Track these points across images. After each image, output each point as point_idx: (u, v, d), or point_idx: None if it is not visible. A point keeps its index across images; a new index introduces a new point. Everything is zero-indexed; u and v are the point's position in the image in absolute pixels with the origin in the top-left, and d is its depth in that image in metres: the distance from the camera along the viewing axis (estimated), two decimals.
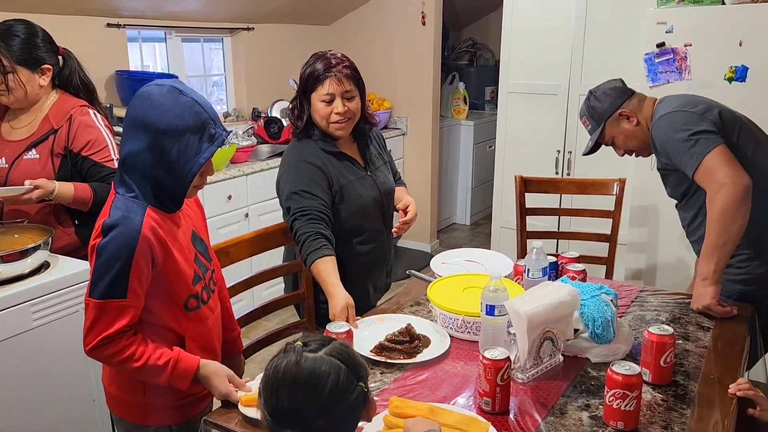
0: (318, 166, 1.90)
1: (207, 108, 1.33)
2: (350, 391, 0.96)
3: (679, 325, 1.75)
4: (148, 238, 1.29)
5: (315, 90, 1.87)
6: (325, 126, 1.91)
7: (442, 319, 1.69)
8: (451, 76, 5.34)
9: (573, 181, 2.88)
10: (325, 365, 0.96)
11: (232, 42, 4.06)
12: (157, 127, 1.28)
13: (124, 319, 1.29)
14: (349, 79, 1.88)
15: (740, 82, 2.56)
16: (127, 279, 1.27)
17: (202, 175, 1.36)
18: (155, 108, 1.28)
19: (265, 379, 0.99)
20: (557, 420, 1.32)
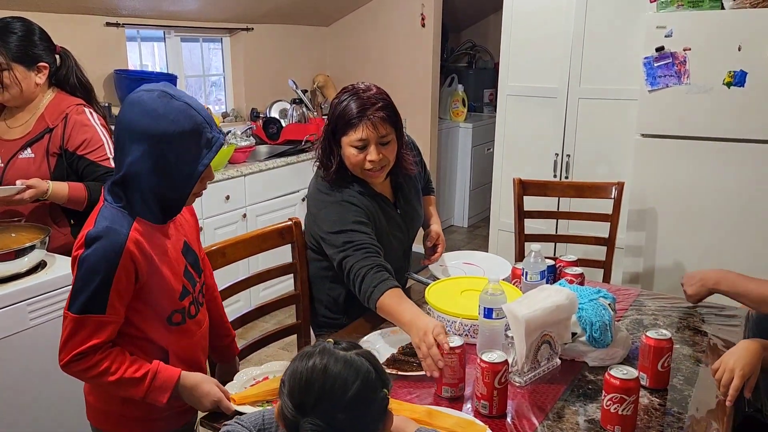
0: (360, 207, 1.77)
1: (201, 111, 1.27)
2: (375, 396, 0.96)
3: (676, 329, 1.75)
4: (132, 252, 1.24)
5: (346, 134, 1.71)
6: (358, 173, 1.77)
7: (439, 321, 1.69)
8: (450, 78, 5.34)
9: (571, 184, 2.88)
10: (354, 368, 0.96)
11: (231, 42, 4.06)
12: (152, 134, 1.21)
13: (102, 336, 1.25)
14: (385, 122, 1.70)
15: (739, 87, 2.56)
16: (108, 294, 1.22)
17: (202, 181, 1.32)
18: (148, 114, 1.22)
19: (293, 373, 0.97)
20: (554, 424, 1.31)
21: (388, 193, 1.89)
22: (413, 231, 1.99)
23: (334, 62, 4.66)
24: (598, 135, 3.21)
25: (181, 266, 1.39)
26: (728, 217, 2.65)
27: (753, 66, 2.52)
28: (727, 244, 2.64)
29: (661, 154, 2.77)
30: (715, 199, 2.67)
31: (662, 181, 2.78)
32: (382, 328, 1.72)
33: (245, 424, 1.10)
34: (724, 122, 2.62)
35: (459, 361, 1.39)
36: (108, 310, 1.24)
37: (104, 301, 1.23)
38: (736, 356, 1.43)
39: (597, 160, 3.23)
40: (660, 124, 2.75)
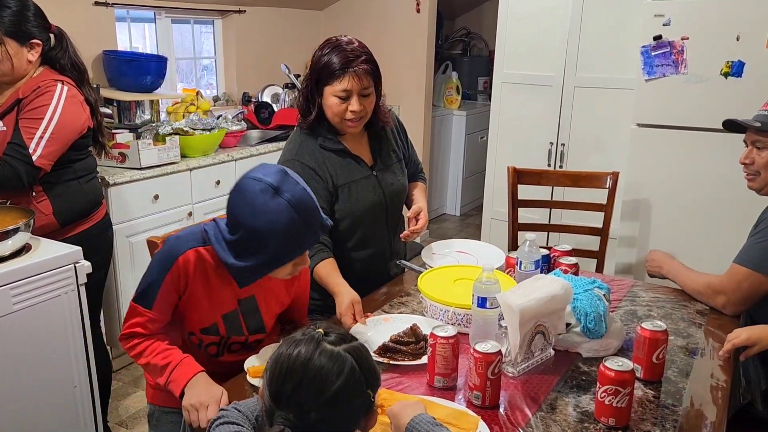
0: (311, 167, 1.81)
1: (300, 209, 1.30)
2: (357, 394, 0.93)
3: (671, 321, 1.73)
4: (184, 267, 1.37)
5: (330, 84, 1.76)
6: (337, 122, 1.81)
7: (432, 310, 1.67)
8: (444, 66, 5.30)
9: (566, 174, 2.86)
10: (339, 363, 0.93)
11: (222, 24, 3.99)
12: (246, 226, 1.31)
13: (144, 329, 1.40)
14: (368, 75, 1.77)
15: (736, 78, 2.54)
16: (156, 293, 1.37)
17: (295, 266, 1.39)
18: (247, 206, 1.30)
19: (276, 360, 0.95)
20: (547, 415, 1.30)
21: (365, 155, 1.92)
22: (394, 198, 1.96)
23: None
24: (594, 124, 3.18)
25: (227, 309, 1.47)
26: (723, 208, 2.63)
27: (751, 56, 2.50)
28: (721, 235, 2.63)
29: (657, 144, 2.75)
30: (711, 190, 2.65)
31: (657, 171, 2.76)
32: (374, 316, 1.69)
33: (242, 409, 1.08)
34: (721, 113, 2.58)
35: (452, 351, 1.37)
36: (154, 307, 1.39)
37: (152, 298, 1.38)
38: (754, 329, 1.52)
39: (592, 149, 3.20)
40: (656, 114, 2.73)
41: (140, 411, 2.56)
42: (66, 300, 1.83)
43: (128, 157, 2.71)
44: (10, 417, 1.73)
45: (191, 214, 2.98)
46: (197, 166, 2.98)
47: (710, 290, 1.80)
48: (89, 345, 1.92)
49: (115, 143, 2.69)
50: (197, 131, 3.03)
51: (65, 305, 1.83)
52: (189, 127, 3.02)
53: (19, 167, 1.85)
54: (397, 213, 2.00)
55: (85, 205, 2.07)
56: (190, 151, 2.99)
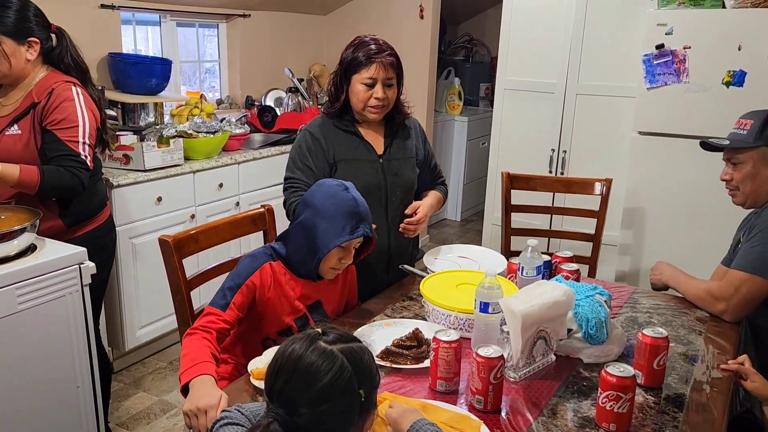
0: (316, 137, 1.97)
1: (362, 208, 1.60)
2: (345, 394, 0.94)
3: (671, 328, 1.74)
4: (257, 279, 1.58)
5: (358, 72, 1.92)
6: (360, 108, 1.96)
7: (434, 315, 1.68)
8: (447, 71, 5.32)
9: (559, 180, 2.89)
10: (330, 361, 0.95)
11: (227, 28, 4.01)
12: (316, 203, 1.60)
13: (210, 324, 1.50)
14: (393, 68, 1.94)
15: (738, 87, 2.55)
16: (231, 298, 1.54)
17: (339, 260, 1.62)
18: (322, 192, 1.62)
19: (273, 357, 0.99)
20: (549, 420, 1.30)
21: (377, 144, 2.02)
22: (396, 188, 2.00)
23: (331, 52, 4.62)
24: (595, 131, 3.20)
25: (298, 313, 1.66)
26: (723, 216, 2.64)
27: (753, 66, 2.52)
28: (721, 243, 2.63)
29: (658, 153, 2.76)
30: (711, 198, 2.66)
31: (658, 179, 2.78)
32: (375, 321, 1.70)
33: (244, 412, 1.09)
34: (722, 122, 2.60)
35: (454, 355, 1.38)
36: (227, 311, 1.54)
37: (227, 303, 1.54)
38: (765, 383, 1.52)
39: (593, 156, 3.22)
40: (657, 122, 2.74)
41: (141, 412, 2.57)
42: (70, 300, 1.84)
43: (132, 159, 2.72)
44: (14, 416, 1.74)
45: (194, 217, 2.99)
46: (200, 168, 2.99)
47: (710, 296, 1.81)
48: (92, 346, 1.92)
49: (119, 145, 2.70)
50: (201, 134, 3.05)
51: (69, 306, 1.84)
52: (193, 129, 3.04)
53: (82, 175, 1.91)
54: (398, 205, 2.02)
55: (91, 206, 2.08)
56: (193, 154, 3.01)
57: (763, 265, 1.71)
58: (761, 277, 1.71)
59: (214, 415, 1.23)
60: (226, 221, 1.89)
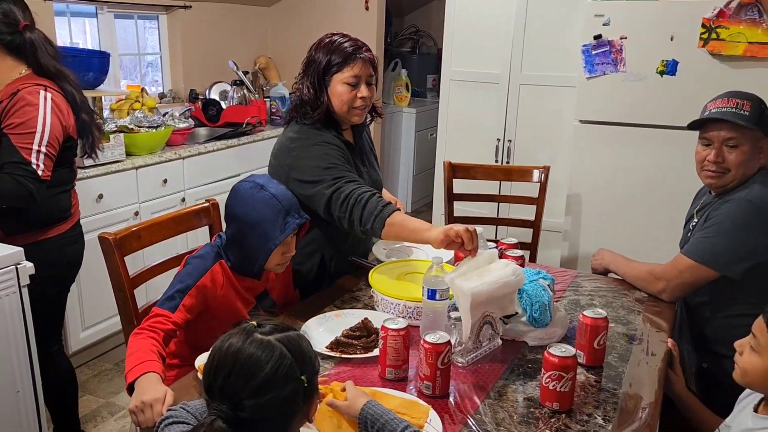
0: (342, 149, 1.83)
1: (284, 201, 1.58)
2: (288, 381, 0.95)
3: (611, 308, 1.80)
4: (208, 281, 1.57)
5: (339, 71, 1.79)
6: (344, 112, 1.83)
7: (383, 304, 1.69)
8: (394, 63, 5.33)
9: (499, 168, 2.96)
10: (269, 351, 0.95)
11: (168, 20, 3.91)
12: (239, 216, 1.59)
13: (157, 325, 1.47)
14: (372, 64, 1.84)
15: (671, 76, 2.65)
16: (181, 300, 1.52)
17: (283, 255, 1.62)
18: (239, 200, 1.60)
19: (209, 354, 0.98)
20: (495, 402, 1.34)
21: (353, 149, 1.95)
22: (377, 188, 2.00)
23: (276, 44, 4.57)
24: (539, 121, 3.27)
25: (249, 306, 1.69)
26: (662, 201, 2.75)
27: (684, 55, 2.62)
28: (659, 226, 2.75)
29: (598, 140, 2.85)
30: (650, 183, 2.77)
31: (599, 166, 2.86)
32: (325, 312, 1.70)
33: (190, 410, 1.08)
34: (657, 110, 2.71)
35: (403, 343, 1.40)
36: (176, 312, 1.51)
37: (176, 305, 1.51)
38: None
39: (537, 145, 3.29)
40: (597, 111, 2.83)
41: (88, 415, 2.50)
42: (7, 303, 1.77)
43: None
44: None
45: (138, 214, 2.92)
46: (143, 164, 2.92)
47: (652, 276, 1.88)
48: (33, 349, 1.86)
49: None
50: (143, 129, 2.97)
51: (6, 307, 1.77)
52: (134, 124, 2.96)
53: (30, 185, 1.79)
54: None
55: (42, 217, 1.94)
56: (135, 149, 2.93)
57: (710, 257, 1.76)
58: (706, 266, 1.77)
59: (160, 409, 1.21)
60: (169, 217, 1.85)
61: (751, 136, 1.75)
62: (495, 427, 1.25)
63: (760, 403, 1.31)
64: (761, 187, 1.75)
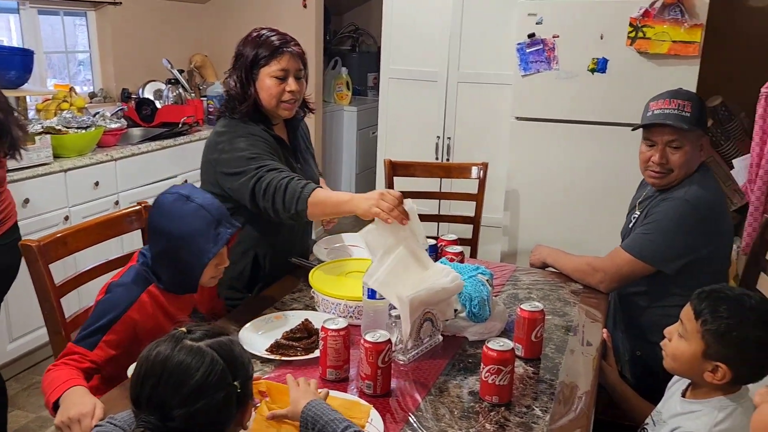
0: (268, 141, 1.82)
1: (214, 211, 1.48)
2: (220, 388, 0.92)
3: (548, 301, 1.84)
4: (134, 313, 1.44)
5: (267, 65, 1.79)
6: (273, 106, 1.83)
7: (324, 304, 1.67)
8: (334, 62, 5.31)
9: (439, 165, 2.99)
10: (199, 357, 0.92)
11: (97, 17, 3.76)
12: (166, 233, 1.46)
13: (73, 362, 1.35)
14: (300, 58, 1.83)
15: (601, 74, 2.74)
16: (101, 338, 1.39)
17: (216, 267, 1.53)
18: (165, 216, 1.47)
19: (137, 363, 0.94)
20: (436, 398, 1.34)
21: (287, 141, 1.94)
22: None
23: (212, 42, 4.47)
24: (477, 118, 3.31)
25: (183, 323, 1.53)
26: (597, 195, 2.84)
27: (613, 54, 2.70)
28: (595, 220, 2.83)
29: (535, 137, 2.91)
30: (584, 178, 2.85)
31: (535, 162, 2.93)
32: (264, 315, 1.67)
33: (117, 423, 1.04)
34: (590, 106, 2.79)
35: (343, 343, 1.38)
36: (96, 350, 1.38)
37: (95, 343, 1.39)
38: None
39: (476, 142, 3.34)
40: (533, 108, 2.89)
41: (18, 431, 2.38)
42: None
43: None
44: None
45: (68, 218, 2.80)
46: (72, 167, 2.80)
47: (591, 268, 1.93)
48: None
49: None
50: (71, 130, 2.85)
51: None
52: (62, 125, 2.83)
53: None
54: None
55: None
56: (64, 151, 2.81)
57: (648, 253, 1.83)
58: (644, 262, 1.83)
59: (89, 423, 1.16)
60: (97, 221, 1.77)
61: (692, 137, 1.82)
62: (436, 423, 1.26)
63: (687, 389, 1.37)
64: (699, 187, 1.82)
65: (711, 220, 1.82)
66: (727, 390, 1.28)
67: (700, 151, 1.85)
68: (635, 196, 2.08)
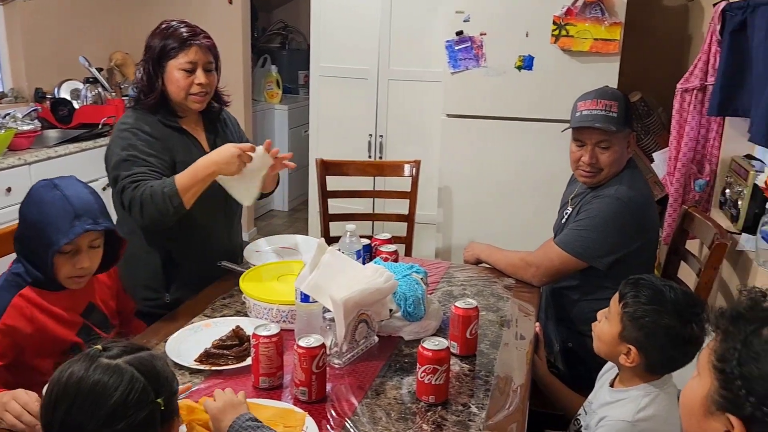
0: (154, 136, 1.78)
1: (76, 203, 1.38)
2: (142, 407, 0.87)
3: (482, 297, 1.86)
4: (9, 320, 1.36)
5: (174, 57, 1.76)
6: (182, 98, 1.80)
7: (256, 310, 1.62)
8: (263, 59, 5.20)
9: (371, 164, 2.98)
10: (117, 375, 0.86)
11: (4, 11, 3.53)
12: (25, 216, 1.41)
13: None
14: (211, 51, 1.82)
15: (528, 71, 2.79)
16: None
17: (75, 267, 1.41)
18: (29, 200, 1.41)
19: (48, 386, 0.88)
20: (373, 401, 1.32)
21: (202, 140, 1.91)
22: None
23: (132, 39, 4.26)
24: (409, 116, 3.31)
25: (77, 325, 1.49)
26: (528, 190, 2.89)
27: (539, 51, 2.76)
28: (526, 215, 2.88)
29: (465, 134, 2.93)
30: (515, 174, 2.89)
31: (467, 159, 2.95)
32: (193, 323, 1.61)
33: None
34: (518, 103, 2.84)
35: (276, 350, 1.34)
36: None
37: None
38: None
39: (408, 140, 3.34)
40: (463, 105, 2.91)
41: None
42: None
43: None
44: None
45: None
46: None
47: (524, 263, 1.96)
48: None
49: None
50: None
51: None
52: None
53: None
54: (235, 205, 1.94)
55: None
56: None
57: (581, 249, 1.86)
58: (576, 258, 1.87)
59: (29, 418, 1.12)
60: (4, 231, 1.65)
61: (620, 136, 1.87)
62: (372, 427, 1.23)
63: (615, 378, 1.41)
64: (629, 185, 1.88)
65: (640, 216, 1.88)
66: (649, 378, 1.32)
67: (627, 148, 1.91)
68: (567, 191, 2.12)
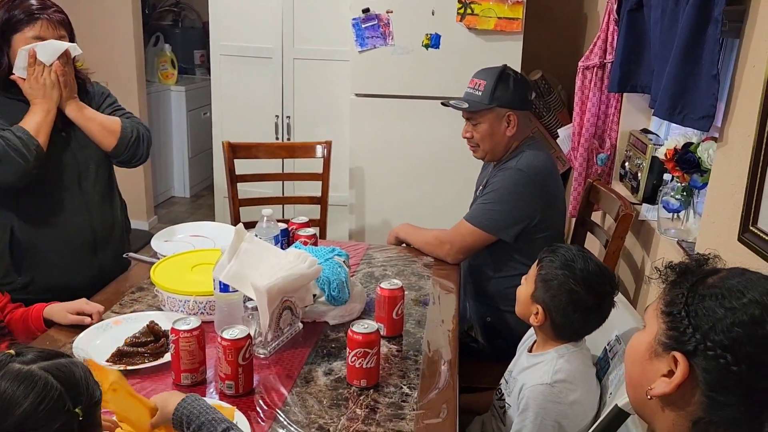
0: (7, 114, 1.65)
1: None
2: (56, 416, 0.78)
3: (403, 276, 1.86)
4: None
5: (20, 31, 1.64)
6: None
7: (170, 303, 1.53)
8: (155, 38, 4.91)
9: (282, 146, 2.91)
10: (29, 382, 0.78)
11: None
12: None
13: None
14: (63, 26, 1.70)
15: (435, 49, 2.80)
16: None
17: None
18: None
19: None
20: (303, 390, 1.29)
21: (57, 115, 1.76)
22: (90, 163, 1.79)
23: None
24: (317, 96, 3.25)
25: None
26: (439, 169, 2.91)
27: (445, 30, 2.77)
28: (439, 194, 2.92)
29: (375, 113, 2.91)
30: (426, 153, 2.91)
31: (377, 138, 2.93)
32: (102, 320, 1.49)
33: None
34: (426, 82, 2.85)
35: (197, 343, 1.27)
36: None
37: None
38: None
39: (317, 120, 3.27)
40: (371, 84, 2.88)
41: None
42: None
43: None
44: None
45: None
46: None
47: (438, 241, 1.98)
48: None
49: None
50: None
51: None
52: None
53: None
54: (94, 181, 1.80)
55: None
56: None
57: (488, 222, 1.90)
58: (484, 231, 1.91)
59: None
60: None
61: (488, 114, 1.92)
62: (305, 416, 1.20)
63: (533, 345, 1.45)
64: (530, 156, 1.93)
65: (542, 186, 1.94)
66: (562, 343, 1.36)
67: (507, 126, 1.93)
68: (482, 173, 2.18)
